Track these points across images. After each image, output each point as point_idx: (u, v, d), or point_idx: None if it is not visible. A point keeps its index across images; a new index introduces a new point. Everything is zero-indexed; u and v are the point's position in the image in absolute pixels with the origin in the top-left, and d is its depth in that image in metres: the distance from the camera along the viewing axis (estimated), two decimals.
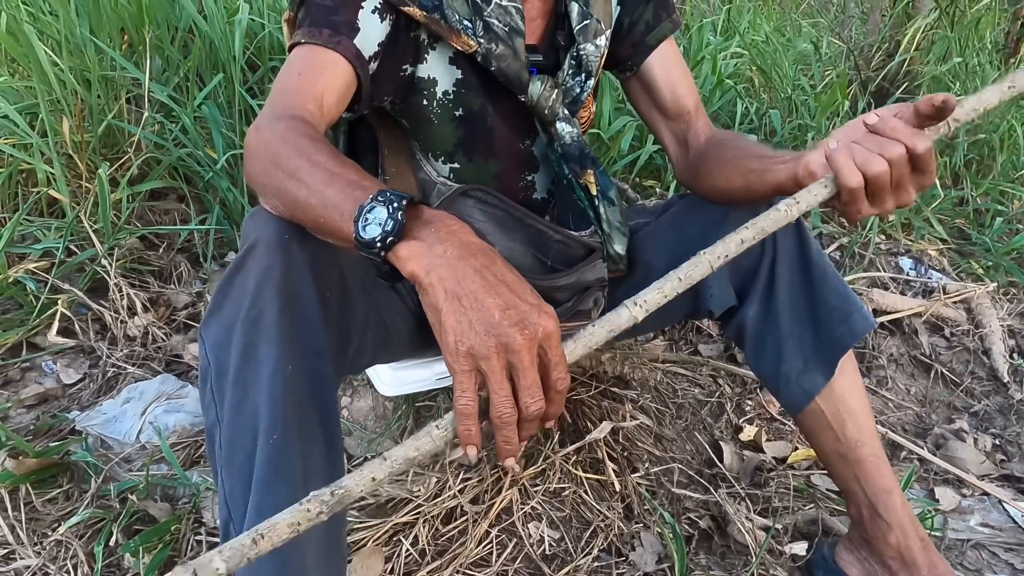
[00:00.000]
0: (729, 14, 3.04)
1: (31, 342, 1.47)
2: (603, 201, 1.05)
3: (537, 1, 1.00)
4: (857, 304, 0.99)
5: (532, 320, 0.57)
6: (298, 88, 0.81)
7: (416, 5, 0.89)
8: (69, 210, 1.61)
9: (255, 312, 0.71)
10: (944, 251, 2.12)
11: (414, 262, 0.60)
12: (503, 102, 0.99)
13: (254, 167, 0.74)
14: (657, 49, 1.09)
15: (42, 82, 1.66)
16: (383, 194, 0.62)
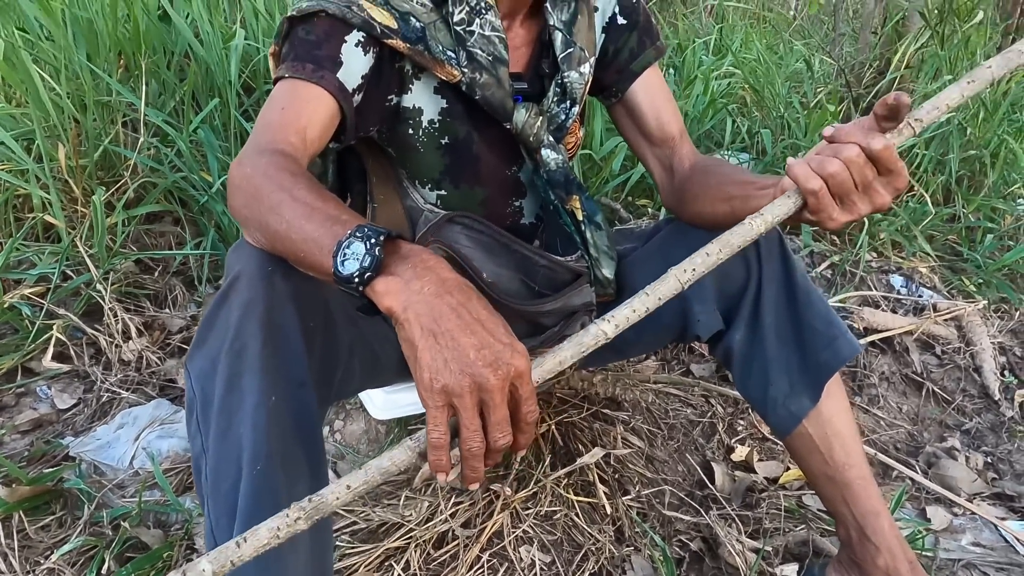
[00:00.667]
0: (721, 33, 3.07)
1: (26, 367, 1.48)
2: (589, 226, 1.07)
3: (521, 30, 1.02)
4: (842, 328, 1.00)
5: (505, 360, 0.59)
6: (281, 122, 0.82)
7: (399, 38, 0.90)
8: (65, 235, 1.62)
9: (239, 344, 0.72)
10: (935, 268, 2.13)
11: (391, 298, 0.61)
12: (488, 130, 1.01)
13: (237, 200, 0.75)
14: (642, 76, 1.10)
15: (38, 108, 1.67)
16: (361, 229, 0.63)
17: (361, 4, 0.88)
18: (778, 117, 2.43)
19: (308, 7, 0.87)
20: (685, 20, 3.39)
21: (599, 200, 2.08)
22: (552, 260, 1.08)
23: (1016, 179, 2.67)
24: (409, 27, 0.90)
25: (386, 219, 1.08)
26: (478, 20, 0.93)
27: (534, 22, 1.03)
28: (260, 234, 0.72)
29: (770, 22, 3.77)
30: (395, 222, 1.08)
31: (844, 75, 2.87)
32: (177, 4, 2.02)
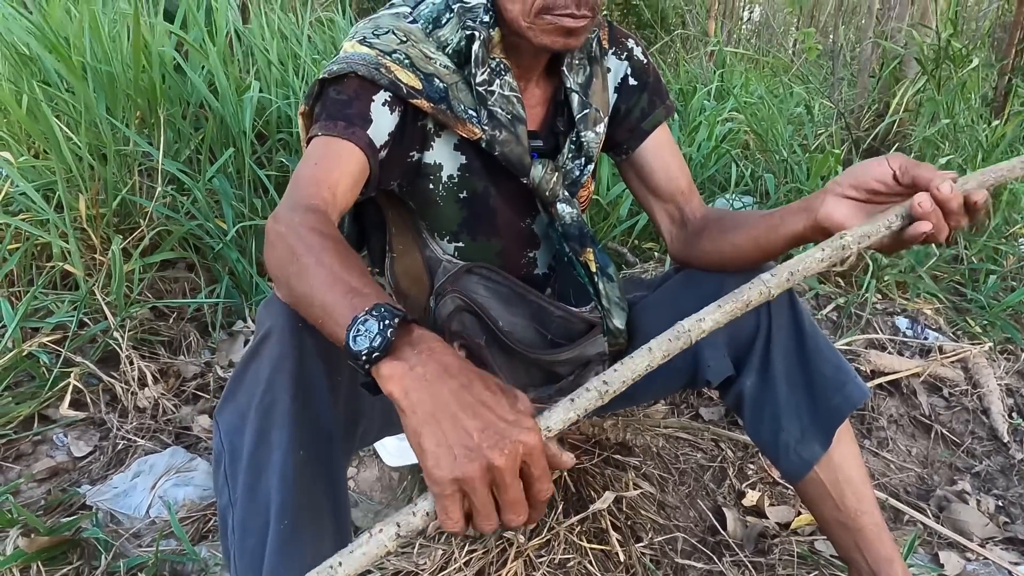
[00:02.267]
0: (723, 78, 3.13)
1: (43, 415, 1.49)
2: (602, 277, 1.09)
3: (537, 90, 1.06)
4: (851, 374, 1.01)
5: (512, 438, 0.57)
6: (315, 177, 0.85)
7: (424, 97, 0.93)
8: (83, 283, 1.65)
9: (269, 398, 0.74)
10: (940, 310, 2.15)
11: (394, 382, 0.60)
12: (505, 184, 1.04)
13: (270, 257, 0.77)
14: (651, 135, 1.14)
15: (59, 160, 1.72)
16: (378, 308, 0.63)
17: (388, 66, 0.92)
18: (781, 161, 2.48)
19: (339, 69, 0.91)
20: (686, 65, 3.46)
21: (606, 245, 2.11)
22: (566, 311, 1.10)
23: (1017, 220, 2.70)
24: (433, 87, 0.94)
25: (405, 269, 1.11)
26: (498, 81, 0.97)
27: (549, 82, 1.07)
28: (288, 292, 0.74)
29: (769, 66, 3.85)
30: (414, 272, 1.11)
31: (844, 118, 2.93)
32: (193, 57, 2.08)
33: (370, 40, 0.94)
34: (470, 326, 1.04)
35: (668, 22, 6.14)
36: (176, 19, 2.26)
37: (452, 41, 0.96)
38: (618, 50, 1.11)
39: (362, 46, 0.93)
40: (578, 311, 1.11)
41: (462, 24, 0.95)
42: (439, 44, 0.97)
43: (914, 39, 2.77)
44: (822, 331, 1.05)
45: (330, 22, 2.77)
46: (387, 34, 0.95)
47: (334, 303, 0.67)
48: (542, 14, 0.89)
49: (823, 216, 0.84)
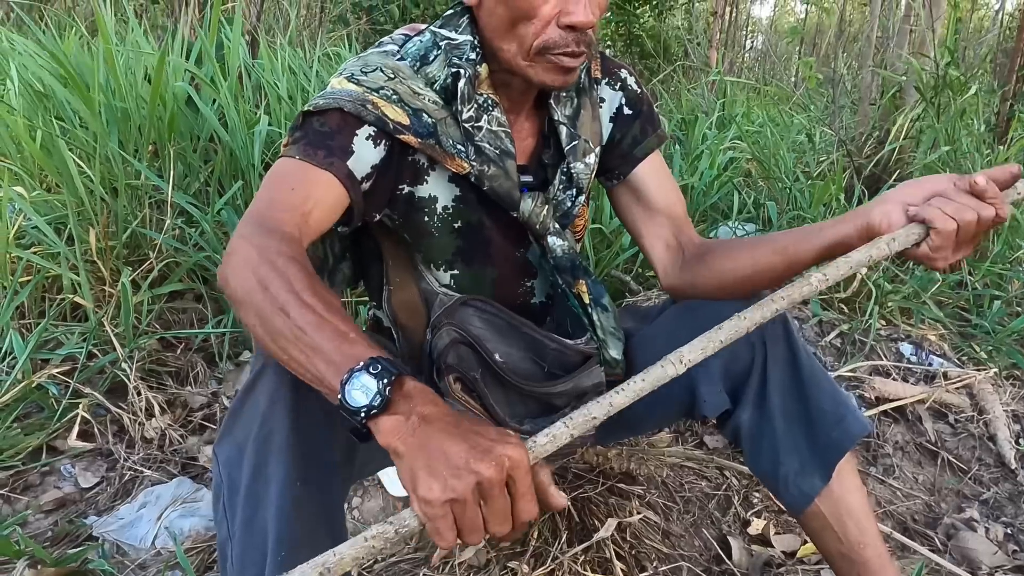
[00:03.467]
0: (724, 107, 3.17)
1: (51, 445, 1.51)
2: (596, 308, 1.09)
3: (526, 123, 1.07)
4: (851, 407, 1.01)
5: (498, 451, 0.60)
6: (290, 202, 0.85)
7: (411, 133, 0.94)
8: (92, 315, 1.67)
9: (266, 430, 0.76)
10: (945, 336, 2.15)
11: (392, 436, 0.63)
12: (498, 215, 1.05)
13: (237, 278, 0.75)
14: (644, 161, 1.14)
15: (72, 194, 1.75)
16: (375, 364, 0.65)
17: (375, 102, 0.93)
18: (784, 188, 2.50)
19: (324, 104, 0.92)
20: (688, 95, 3.51)
21: (610, 273, 2.12)
22: (561, 343, 1.10)
23: (1021, 245, 2.70)
24: (421, 123, 0.95)
25: (402, 301, 1.11)
26: (486, 116, 0.98)
27: (538, 116, 1.08)
28: (257, 322, 0.73)
29: (770, 95, 3.89)
30: (411, 304, 1.11)
31: (845, 145, 2.95)
32: (205, 92, 2.13)
33: (357, 77, 0.95)
34: (466, 359, 1.04)
35: (671, 52, 6.23)
36: (191, 54, 2.32)
37: (439, 78, 0.97)
38: (611, 80, 1.13)
39: (349, 83, 0.94)
40: (573, 343, 1.11)
41: (448, 61, 0.96)
42: (427, 80, 0.98)
43: (913, 67, 2.80)
44: (820, 363, 1.05)
45: (336, 56, 2.83)
46: (375, 71, 0.96)
47: (325, 347, 0.68)
48: (542, 53, 0.90)
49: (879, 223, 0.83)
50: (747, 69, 8.33)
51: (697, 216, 2.36)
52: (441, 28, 0.99)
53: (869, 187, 2.86)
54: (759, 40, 17.46)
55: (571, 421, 0.67)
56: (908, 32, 3.12)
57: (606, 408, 0.69)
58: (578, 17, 0.87)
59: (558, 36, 0.89)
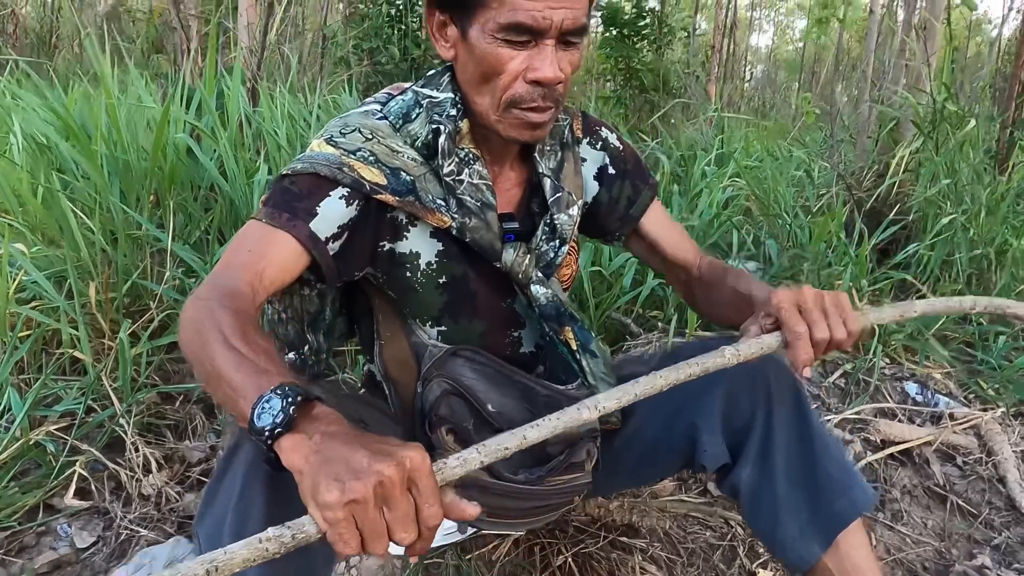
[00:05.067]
0: (723, 143, 3.19)
1: (48, 503, 1.49)
2: (584, 355, 1.09)
3: (512, 173, 1.08)
4: (858, 478, 1.00)
5: (400, 453, 0.61)
6: (245, 263, 0.87)
7: (389, 192, 0.95)
8: (91, 369, 1.67)
9: (243, 504, 0.76)
10: (951, 373, 2.13)
11: (294, 453, 0.63)
12: (482, 267, 1.05)
13: (183, 336, 0.79)
14: (645, 216, 1.17)
15: (72, 248, 1.77)
16: (283, 387, 0.67)
17: (351, 165, 0.94)
18: (784, 225, 2.50)
19: (302, 168, 0.94)
20: (686, 132, 3.53)
21: (610, 315, 2.12)
22: (552, 389, 1.10)
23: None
24: (399, 181, 0.96)
25: (392, 354, 1.11)
26: (467, 170, 0.99)
27: (524, 166, 1.09)
28: (199, 372, 0.76)
29: (768, 130, 3.91)
30: (401, 358, 1.11)
31: (844, 180, 2.95)
32: (205, 141, 2.15)
33: (336, 140, 0.96)
34: (458, 410, 1.04)
35: (670, 85, 6.29)
36: (191, 104, 2.35)
37: (421, 135, 0.99)
38: (592, 140, 1.15)
39: (328, 145, 0.96)
40: (564, 389, 1.11)
41: (430, 118, 0.98)
42: (410, 138, 0.99)
43: (909, 102, 2.81)
44: (828, 431, 1.05)
45: (335, 103, 2.86)
46: (353, 132, 0.97)
47: (241, 383, 0.70)
48: (510, 108, 0.92)
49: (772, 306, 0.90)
50: (747, 100, 8.40)
51: None
52: (423, 87, 1.02)
53: (870, 221, 2.85)
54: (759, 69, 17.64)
55: (484, 448, 0.69)
56: (904, 67, 3.14)
57: (519, 440, 0.72)
58: (544, 73, 0.89)
59: (525, 91, 0.91)
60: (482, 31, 0.89)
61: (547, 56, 0.89)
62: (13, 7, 5.06)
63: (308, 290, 1.10)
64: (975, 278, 2.71)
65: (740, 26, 14.78)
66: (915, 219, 2.78)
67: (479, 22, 0.89)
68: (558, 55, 0.90)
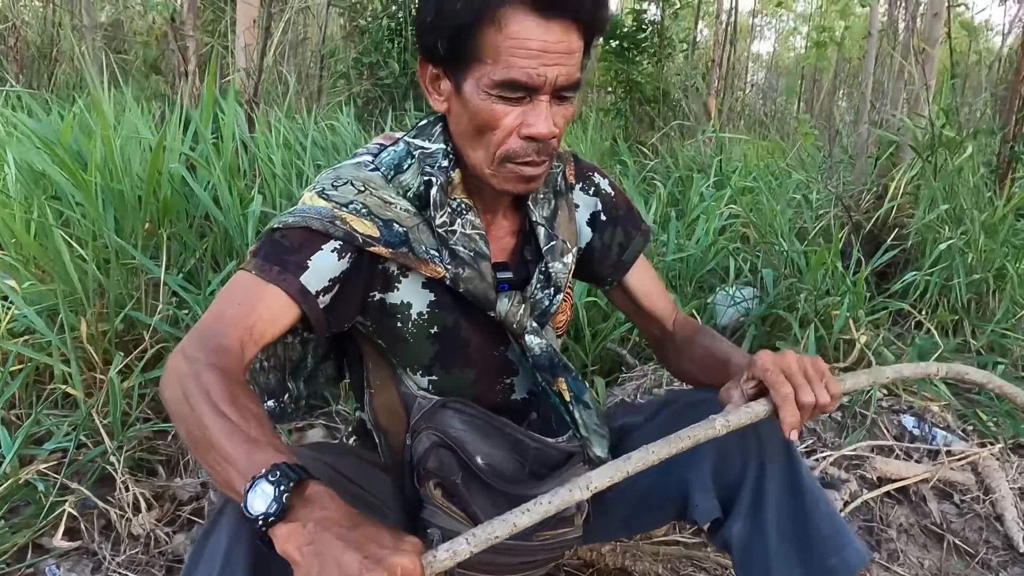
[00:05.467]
0: (721, 165, 3.18)
1: (37, 543, 1.48)
2: (577, 406, 1.08)
3: (505, 221, 1.08)
4: (851, 536, 1.00)
5: (390, 561, 0.63)
6: (234, 316, 0.88)
7: (382, 244, 0.95)
8: (83, 404, 1.66)
9: (227, 573, 0.75)
10: (949, 405, 2.11)
11: (289, 544, 0.66)
12: (475, 316, 1.05)
13: (168, 393, 0.80)
14: (634, 265, 1.17)
15: (64, 282, 1.76)
16: (275, 472, 0.68)
17: (344, 218, 0.94)
18: (780, 252, 2.49)
19: (293, 222, 0.93)
20: (684, 152, 3.52)
21: (606, 346, 2.11)
22: (542, 441, 1.09)
23: None
24: (392, 232, 0.96)
25: (382, 403, 1.11)
26: (459, 220, 0.99)
27: (517, 214, 1.09)
28: (183, 433, 0.78)
29: (767, 150, 3.91)
30: (390, 407, 1.11)
31: (841, 203, 2.95)
32: (201, 172, 2.15)
33: (328, 192, 0.96)
34: (447, 463, 1.03)
35: (670, 98, 6.28)
36: (188, 129, 2.34)
37: (413, 186, 0.99)
38: (585, 185, 1.15)
39: (320, 198, 0.95)
40: (554, 441, 1.10)
41: (422, 170, 0.98)
42: (402, 189, 0.99)
43: (907, 125, 2.81)
44: (820, 485, 1.04)
45: (331, 128, 2.86)
46: (345, 185, 0.97)
47: (232, 452, 0.72)
48: (504, 163, 0.92)
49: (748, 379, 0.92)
50: (747, 112, 8.40)
51: (695, 282, 2.35)
52: (415, 138, 1.02)
53: (868, 245, 2.84)
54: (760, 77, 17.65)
55: (473, 538, 0.70)
56: (903, 89, 3.14)
57: (509, 528, 0.73)
58: (538, 129, 0.90)
59: (519, 147, 0.91)
60: (476, 86, 0.89)
61: (541, 112, 0.89)
62: (14, 21, 5.07)
63: (292, 338, 1.10)
64: (974, 303, 2.70)
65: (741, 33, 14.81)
66: (914, 244, 2.77)
67: (473, 77, 0.89)
68: (552, 110, 0.91)
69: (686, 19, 8.65)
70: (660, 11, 7.00)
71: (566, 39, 0.88)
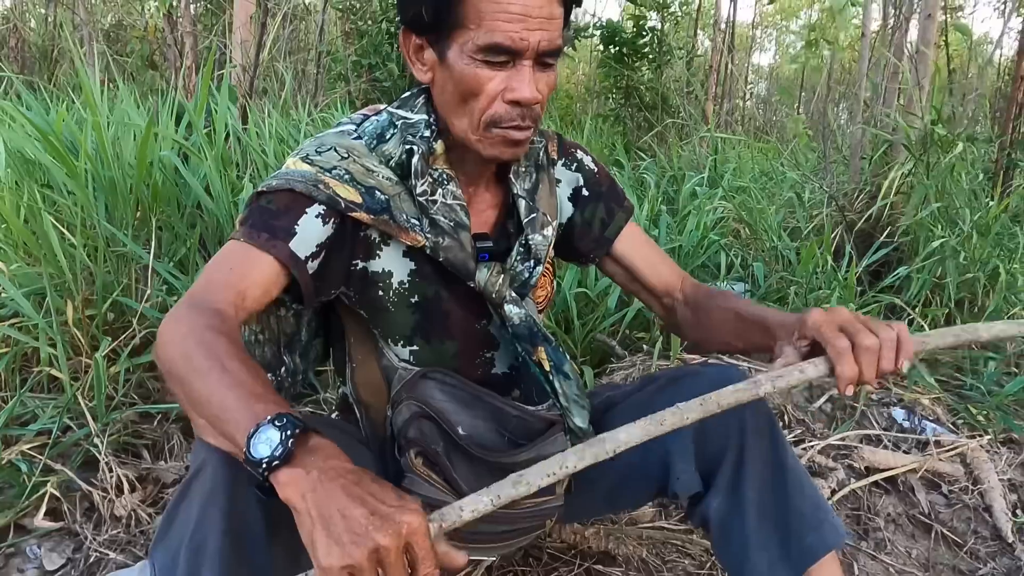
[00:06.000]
0: (715, 164, 3.19)
1: (19, 524, 1.48)
2: (558, 376, 1.08)
3: (487, 194, 1.09)
4: (830, 513, 1.00)
5: (396, 519, 0.63)
6: (227, 282, 0.87)
7: (364, 210, 0.96)
8: (68, 387, 1.66)
9: (199, 537, 0.74)
10: (939, 399, 2.11)
11: (291, 488, 0.66)
12: (456, 287, 1.05)
13: (166, 354, 0.79)
14: (619, 238, 1.17)
15: (51, 265, 1.76)
16: (280, 418, 0.68)
17: (327, 182, 0.95)
18: (771, 248, 2.49)
19: (277, 184, 0.94)
20: (680, 151, 3.53)
21: (595, 337, 2.10)
22: (523, 410, 1.09)
23: (1017, 301, 2.67)
24: (374, 200, 0.97)
25: (363, 377, 1.11)
26: (440, 190, 1.00)
27: (499, 187, 1.10)
28: (181, 391, 0.77)
29: (762, 150, 3.92)
30: (372, 381, 1.11)
31: (835, 201, 2.95)
32: (193, 162, 2.15)
33: (312, 158, 0.97)
34: (428, 433, 1.03)
35: (669, 104, 6.31)
36: (181, 121, 2.35)
37: (395, 155, 0.99)
38: (568, 161, 1.16)
39: (303, 163, 0.96)
40: (534, 410, 1.10)
41: (404, 139, 0.99)
42: (384, 158, 1.00)
43: (900, 125, 2.82)
44: (801, 465, 1.04)
45: (325, 121, 2.87)
46: (328, 151, 0.98)
47: (235, 405, 0.71)
48: (490, 127, 0.93)
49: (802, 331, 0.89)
50: (747, 120, 8.42)
51: None
52: (398, 108, 1.02)
53: (862, 243, 2.84)
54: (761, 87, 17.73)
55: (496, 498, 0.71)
56: (896, 91, 3.15)
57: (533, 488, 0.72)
58: (523, 93, 0.91)
59: (504, 111, 0.92)
60: (460, 52, 0.90)
61: (525, 76, 0.91)
62: (16, 21, 5.10)
63: (284, 311, 1.10)
64: (967, 302, 2.69)
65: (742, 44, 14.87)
66: (907, 241, 2.77)
67: (457, 44, 0.90)
68: (535, 76, 0.92)
69: (686, 28, 8.70)
70: (660, 18, 7.04)
71: (548, 5, 0.89)
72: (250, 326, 1.08)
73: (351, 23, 5.40)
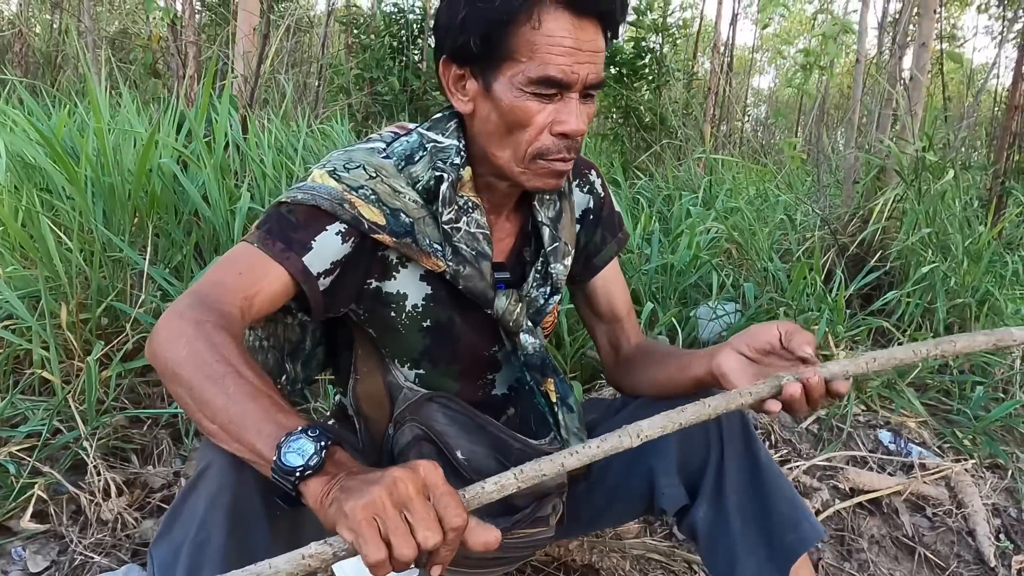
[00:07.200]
0: (711, 185, 3.21)
1: (5, 525, 1.48)
2: (562, 408, 1.09)
3: (507, 223, 1.09)
4: (806, 511, 1.01)
5: (409, 469, 0.66)
6: (237, 285, 0.87)
7: (387, 232, 0.95)
8: (60, 390, 1.67)
9: (203, 535, 0.75)
10: (926, 422, 2.12)
11: (320, 495, 0.67)
12: (470, 314, 1.05)
13: (169, 349, 0.77)
14: (605, 267, 1.19)
15: (47, 269, 1.77)
16: (313, 429, 0.69)
17: (352, 201, 0.93)
18: (762, 269, 2.51)
19: (303, 199, 0.93)
20: (675, 173, 3.56)
21: (584, 353, 2.12)
22: (526, 443, 1.09)
23: (1003, 325, 2.69)
24: (398, 222, 0.96)
25: (366, 391, 1.11)
26: (465, 218, 0.99)
27: (519, 215, 1.10)
28: (187, 394, 0.75)
29: (757, 172, 3.95)
30: (376, 396, 1.11)
31: (828, 224, 2.98)
32: (192, 170, 2.17)
33: (339, 173, 0.96)
34: (427, 455, 1.03)
35: (667, 124, 6.35)
36: (182, 129, 2.38)
37: (423, 179, 0.98)
38: (581, 183, 1.16)
39: (331, 178, 0.95)
40: (537, 443, 1.10)
41: (433, 164, 0.98)
42: (411, 180, 0.99)
43: (892, 151, 2.85)
44: (777, 464, 1.05)
45: (323, 134, 2.89)
46: (357, 168, 0.97)
47: (256, 414, 0.72)
48: (536, 159, 0.93)
49: (715, 365, 0.94)
50: (745, 142, 8.49)
51: (677, 296, 2.37)
52: (429, 130, 1.01)
53: (853, 267, 2.87)
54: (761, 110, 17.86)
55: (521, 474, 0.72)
56: (891, 116, 3.19)
57: (557, 467, 0.74)
58: (571, 126, 0.91)
59: (551, 143, 0.93)
60: (510, 84, 0.90)
61: (573, 109, 0.91)
62: (21, 27, 5.14)
63: (291, 319, 1.10)
64: (957, 327, 2.71)
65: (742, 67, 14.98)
66: (898, 266, 2.80)
67: (506, 76, 0.90)
68: (579, 108, 0.92)
69: (685, 49, 8.78)
70: (660, 39, 7.11)
71: (596, 38, 0.90)
72: (255, 331, 1.08)
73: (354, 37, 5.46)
